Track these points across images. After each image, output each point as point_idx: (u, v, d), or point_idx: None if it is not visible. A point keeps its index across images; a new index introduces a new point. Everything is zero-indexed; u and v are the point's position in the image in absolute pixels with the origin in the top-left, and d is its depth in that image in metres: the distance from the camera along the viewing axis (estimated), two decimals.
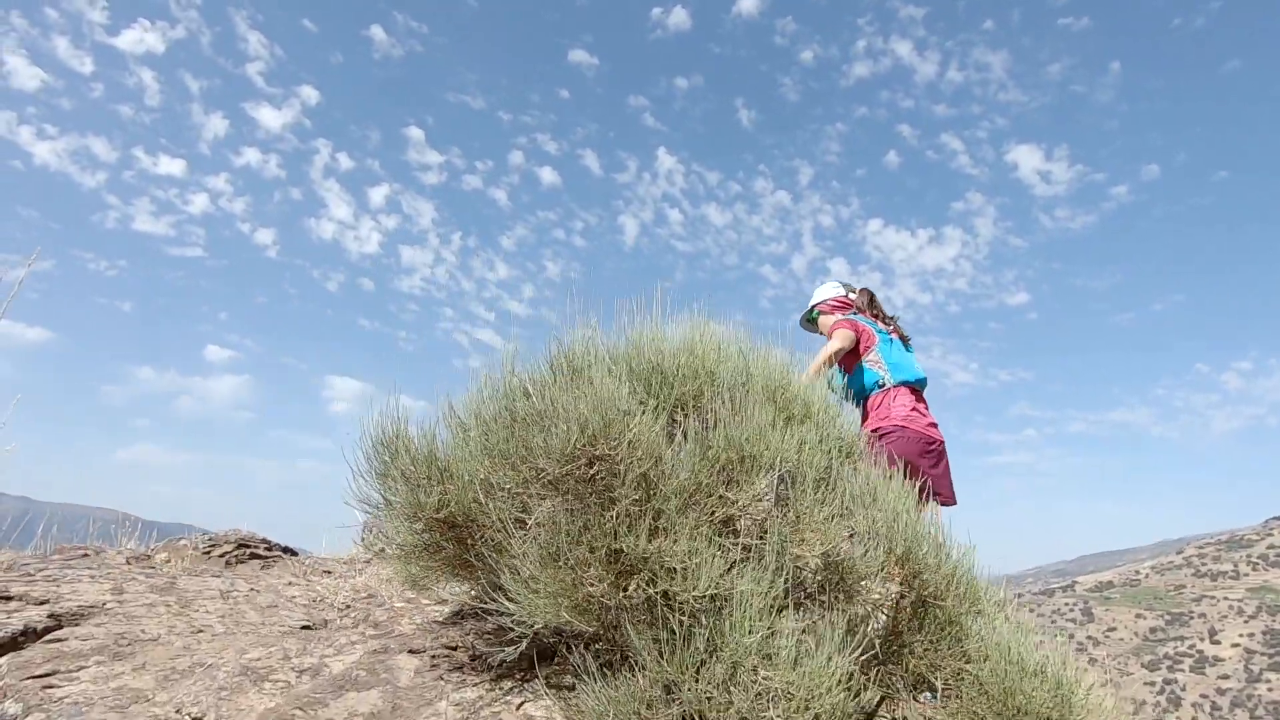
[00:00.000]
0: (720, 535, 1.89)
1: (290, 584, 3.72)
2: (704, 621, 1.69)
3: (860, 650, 1.69)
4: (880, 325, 3.54)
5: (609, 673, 1.80)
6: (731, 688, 1.56)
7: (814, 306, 3.79)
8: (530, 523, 1.86)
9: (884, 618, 1.91)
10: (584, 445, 1.86)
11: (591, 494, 1.86)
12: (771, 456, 1.97)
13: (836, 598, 1.87)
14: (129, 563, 3.83)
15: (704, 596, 1.68)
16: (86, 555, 3.65)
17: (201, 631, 2.74)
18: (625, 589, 1.78)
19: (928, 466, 2.98)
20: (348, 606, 3.60)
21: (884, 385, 3.26)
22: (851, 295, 3.74)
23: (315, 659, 2.24)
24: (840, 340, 3.27)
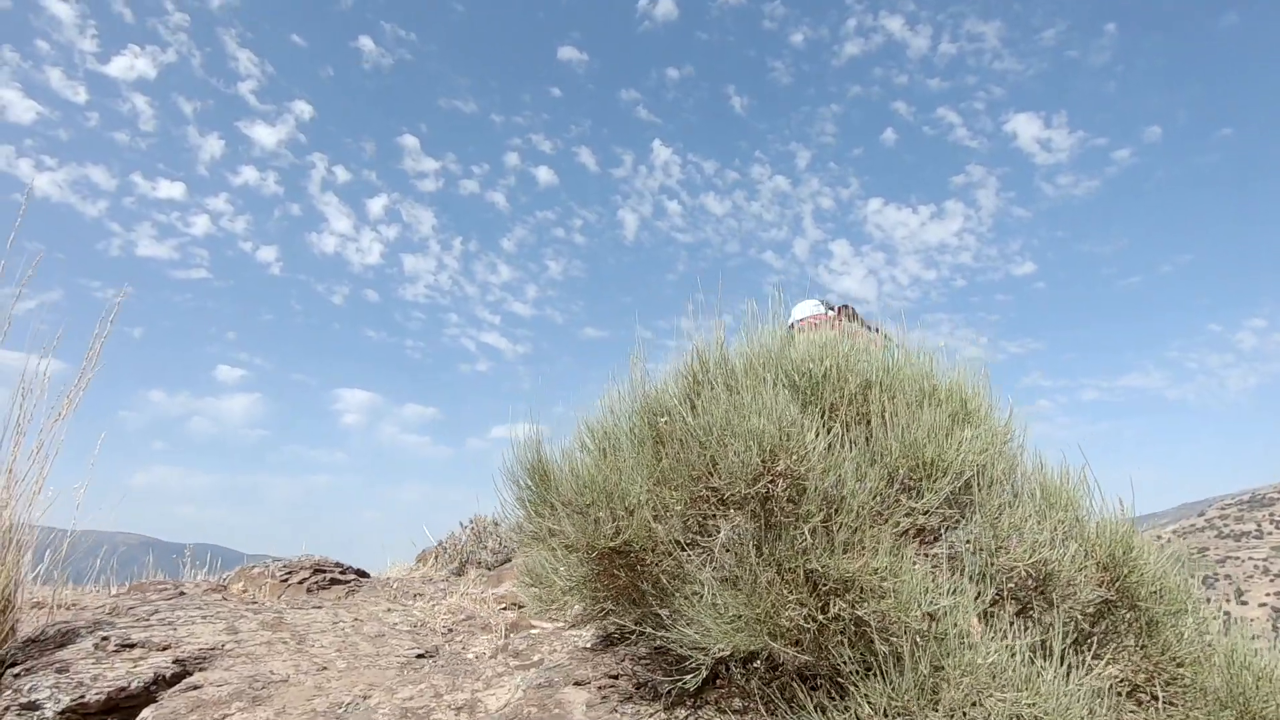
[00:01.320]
0: (907, 547, 1.80)
1: (389, 610, 3.65)
2: (919, 642, 1.59)
3: (1085, 665, 1.59)
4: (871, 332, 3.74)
5: (785, 695, 1.72)
6: (970, 713, 1.47)
7: (793, 324, 3.85)
8: (715, 546, 1.77)
9: (1087, 624, 1.81)
10: (764, 462, 1.77)
11: (777, 512, 1.76)
12: (953, 460, 1.87)
13: (1039, 605, 1.77)
14: (221, 595, 3.76)
15: (920, 615, 1.58)
16: (183, 593, 3.58)
17: (326, 669, 2.67)
18: (826, 610, 1.69)
19: None
20: (450, 630, 3.53)
21: None
22: (830, 313, 3.85)
23: (468, 694, 2.16)
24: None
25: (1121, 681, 1.79)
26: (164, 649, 2.64)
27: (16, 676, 2.36)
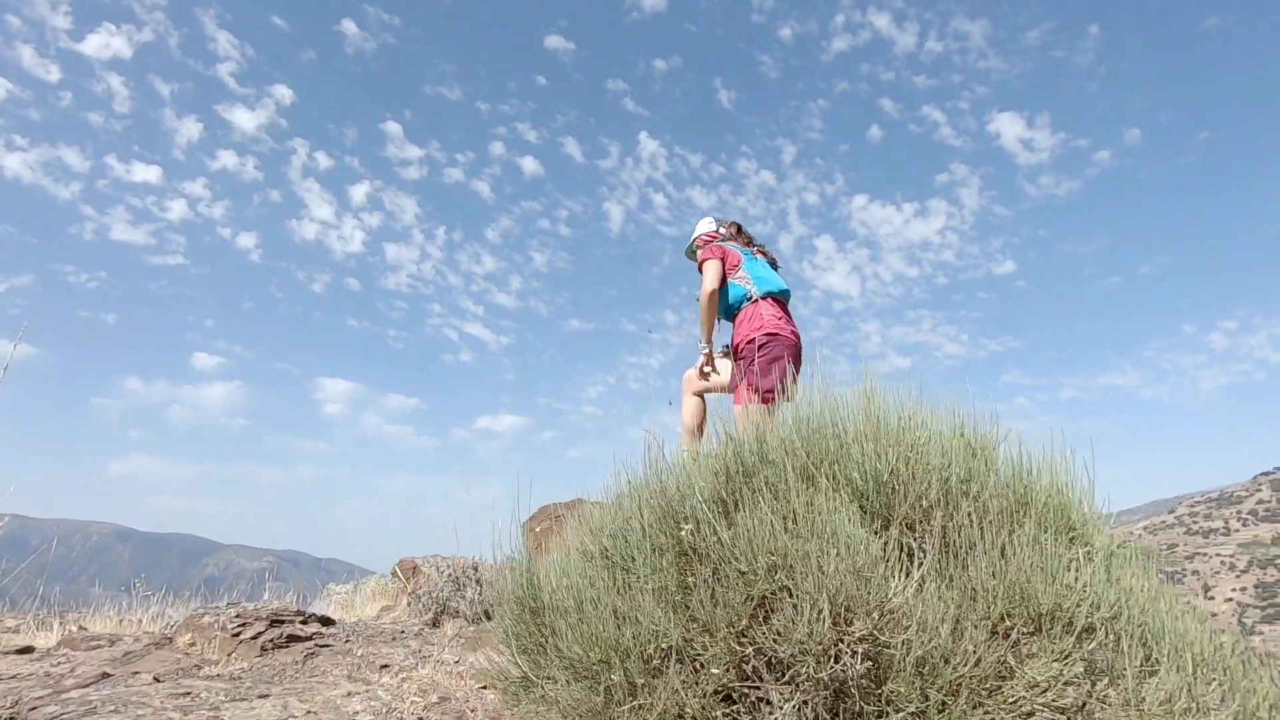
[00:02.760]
0: None
1: (349, 694, 3.16)
2: None
3: None
4: (746, 248, 3.89)
5: None
6: None
7: (694, 241, 4.16)
8: None
9: None
10: (835, 625, 1.31)
11: (854, 692, 1.31)
12: (1076, 610, 1.42)
13: None
14: (153, 678, 3.25)
15: None
16: (107, 674, 3.06)
17: None
18: None
19: (797, 368, 3.27)
20: None
21: (751, 298, 3.56)
22: (721, 229, 4.12)
23: None
24: (711, 271, 3.63)
25: None
26: None
27: None
